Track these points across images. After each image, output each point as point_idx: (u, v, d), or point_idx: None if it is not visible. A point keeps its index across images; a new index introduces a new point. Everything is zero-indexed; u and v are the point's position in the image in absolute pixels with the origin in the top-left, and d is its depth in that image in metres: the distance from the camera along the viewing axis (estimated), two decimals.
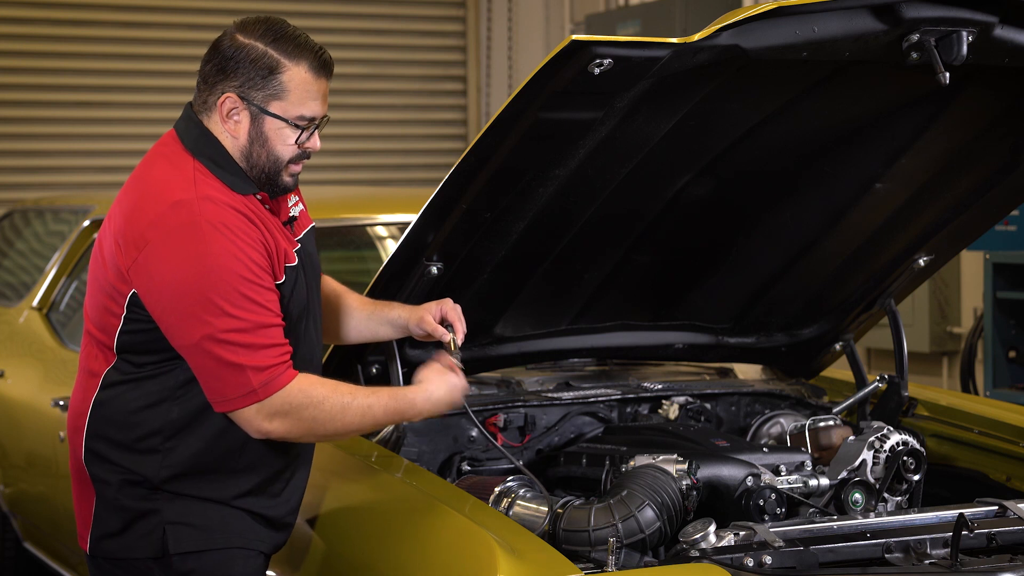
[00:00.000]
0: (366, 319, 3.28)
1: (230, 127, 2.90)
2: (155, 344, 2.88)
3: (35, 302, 5.54)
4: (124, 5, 9.72)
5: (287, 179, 2.96)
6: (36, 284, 5.65)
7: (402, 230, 4.21)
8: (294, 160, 2.94)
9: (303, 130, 2.91)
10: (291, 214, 3.05)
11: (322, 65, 2.90)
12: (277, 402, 2.81)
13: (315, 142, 2.95)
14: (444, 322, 3.18)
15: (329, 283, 3.30)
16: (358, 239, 5.01)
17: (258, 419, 2.82)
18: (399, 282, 3.37)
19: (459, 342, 3.15)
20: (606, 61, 2.81)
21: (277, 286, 2.89)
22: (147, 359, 2.91)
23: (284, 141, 2.91)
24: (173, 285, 2.79)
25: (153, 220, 2.82)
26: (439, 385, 3.02)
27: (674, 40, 2.86)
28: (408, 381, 3.54)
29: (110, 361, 2.94)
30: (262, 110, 2.88)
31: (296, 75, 2.87)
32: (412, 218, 3.23)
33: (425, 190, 3.81)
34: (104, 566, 3.00)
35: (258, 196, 2.94)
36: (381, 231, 5.00)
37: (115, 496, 2.94)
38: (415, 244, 3.28)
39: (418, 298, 3.38)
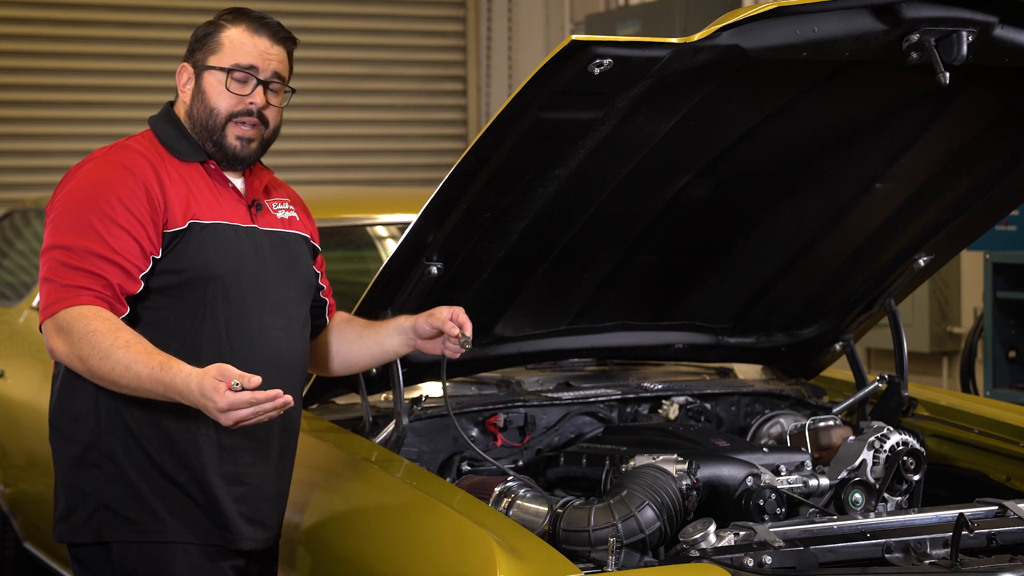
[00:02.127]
0: (373, 334, 3.29)
1: (185, 95, 3.08)
2: None
3: (35, 302, 5.54)
4: (124, 5, 9.72)
5: (233, 142, 3.05)
6: (36, 284, 5.65)
7: (402, 230, 4.21)
8: (235, 116, 3.03)
9: (231, 75, 3.02)
10: (257, 198, 3.10)
11: (261, 25, 3.05)
12: (61, 318, 2.85)
13: (258, 97, 3.04)
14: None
15: (340, 314, 3.35)
16: (358, 239, 5.00)
17: (50, 333, 2.88)
18: (399, 282, 3.37)
19: (468, 335, 3.15)
20: (606, 61, 2.81)
21: (172, 232, 2.94)
22: None
23: (219, 92, 3.03)
24: (58, 203, 2.96)
25: (77, 165, 3.01)
26: (202, 379, 2.74)
27: (674, 40, 2.86)
28: (408, 382, 3.56)
29: None
30: (202, 67, 3.04)
31: (232, 33, 3.05)
32: (412, 218, 3.23)
33: (425, 190, 3.81)
34: (73, 553, 3.04)
35: (211, 166, 3.05)
36: (381, 231, 5.00)
37: (65, 476, 3.00)
38: (415, 244, 3.28)
39: (418, 298, 3.39)
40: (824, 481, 3.41)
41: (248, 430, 2.89)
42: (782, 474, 3.39)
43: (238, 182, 3.09)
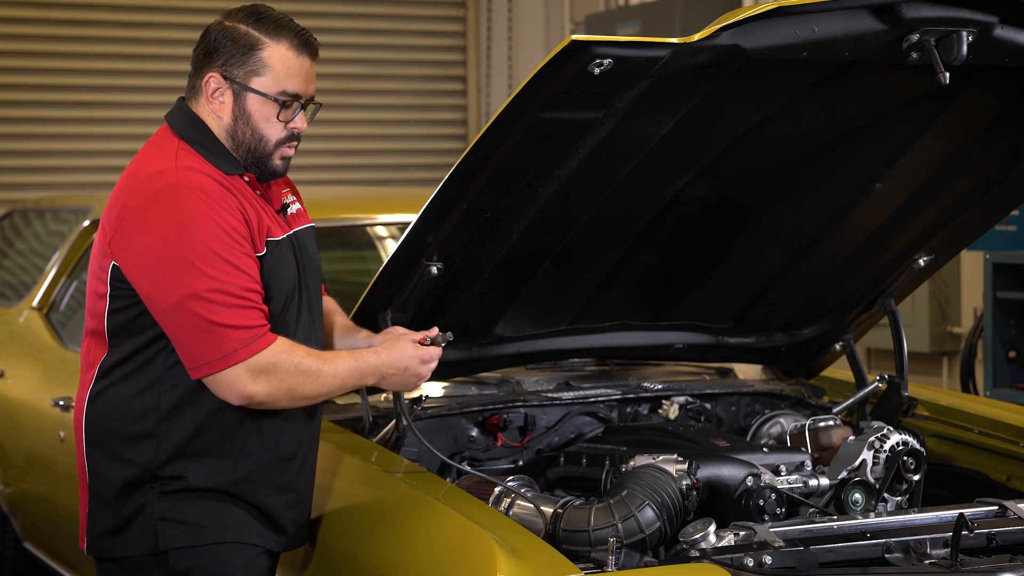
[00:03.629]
0: (340, 338, 3.30)
1: (215, 107, 2.96)
2: (141, 322, 2.90)
3: (35, 302, 5.54)
4: (124, 5, 9.72)
5: (277, 162, 3.01)
6: (36, 284, 5.65)
7: (402, 230, 4.21)
8: (283, 142, 2.98)
9: (284, 106, 2.95)
10: (284, 202, 3.08)
11: (304, 43, 2.96)
12: (263, 360, 2.82)
13: (301, 122, 3.00)
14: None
15: (326, 300, 3.33)
16: (358, 239, 5.01)
17: (243, 379, 2.81)
18: (399, 282, 3.37)
19: (438, 333, 3.14)
20: (606, 61, 2.81)
21: (258, 256, 2.90)
22: (135, 342, 2.92)
23: (267, 118, 2.96)
24: (151, 249, 2.83)
25: (134, 190, 2.88)
26: (393, 350, 3.01)
27: (674, 40, 2.86)
28: None
29: (104, 350, 2.97)
30: (244, 87, 2.94)
31: (276, 52, 2.94)
32: (412, 218, 3.23)
33: (425, 190, 3.81)
34: (108, 566, 3.00)
35: (245, 178, 2.97)
36: (381, 231, 5.00)
37: (110, 495, 2.95)
38: (415, 244, 3.28)
39: (418, 298, 3.39)
40: (824, 481, 3.41)
41: (300, 438, 3.01)
42: (782, 474, 3.38)
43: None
